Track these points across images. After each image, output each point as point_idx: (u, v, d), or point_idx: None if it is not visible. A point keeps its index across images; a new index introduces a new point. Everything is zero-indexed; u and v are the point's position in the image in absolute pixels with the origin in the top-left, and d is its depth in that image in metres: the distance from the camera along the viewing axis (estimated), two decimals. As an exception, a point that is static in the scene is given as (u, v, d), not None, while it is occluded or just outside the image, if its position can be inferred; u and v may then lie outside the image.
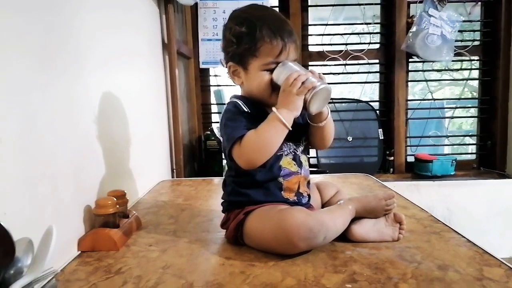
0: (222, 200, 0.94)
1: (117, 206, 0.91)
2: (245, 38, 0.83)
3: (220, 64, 0.95)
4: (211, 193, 1.41)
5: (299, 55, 0.89)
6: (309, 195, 0.93)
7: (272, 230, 0.78)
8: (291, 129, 0.80)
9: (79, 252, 0.86)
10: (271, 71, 0.84)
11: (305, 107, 0.81)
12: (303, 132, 0.93)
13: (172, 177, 1.82)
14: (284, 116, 0.79)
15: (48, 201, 0.77)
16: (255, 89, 0.86)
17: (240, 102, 0.86)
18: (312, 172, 0.97)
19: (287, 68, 0.83)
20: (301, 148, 0.92)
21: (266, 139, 0.80)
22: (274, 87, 0.84)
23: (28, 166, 0.72)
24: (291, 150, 0.89)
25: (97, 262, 0.81)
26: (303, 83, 0.79)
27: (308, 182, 0.93)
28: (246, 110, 0.85)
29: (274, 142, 0.81)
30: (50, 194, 0.78)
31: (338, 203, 0.90)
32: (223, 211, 0.94)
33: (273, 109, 0.80)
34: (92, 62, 1.01)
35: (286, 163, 0.88)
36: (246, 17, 0.85)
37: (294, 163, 0.89)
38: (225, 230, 0.91)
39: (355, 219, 0.88)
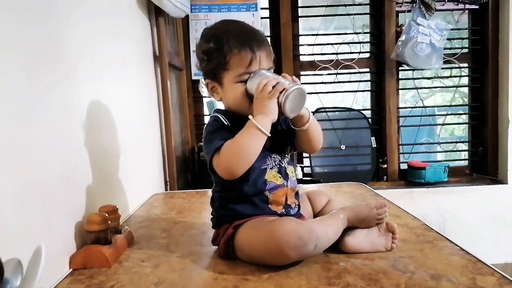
0: (211, 216, 0.94)
1: (109, 222, 0.90)
2: (214, 53, 0.84)
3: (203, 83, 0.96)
4: (205, 205, 1.40)
5: (274, 62, 0.89)
6: (298, 206, 0.93)
7: (262, 241, 0.78)
8: (269, 135, 0.80)
9: (71, 269, 0.85)
10: (244, 82, 0.84)
11: (282, 112, 0.81)
12: (287, 141, 0.92)
13: (166, 189, 1.81)
14: (259, 122, 0.78)
15: (38, 217, 0.76)
16: (231, 102, 0.87)
17: (221, 116, 0.87)
18: (306, 182, 0.97)
19: (259, 76, 0.83)
20: (286, 160, 0.91)
21: (243, 145, 0.79)
22: (250, 98, 0.84)
23: (17, 181, 0.71)
24: (276, 163, 0.89)
25: (89, 279, 0.80)
26: (273, 86, 0.79)
27: (297, 193, 0.93)
28: (226, 124, 0.85)
29: (251, 148, 0.80)
30: (40, 210, 0.77)
31: (330, 212, 0.90)
32: (213, 227, 0.93)
33: (249, 117, 0.80)
34: (83, 74, 1.01)
35: (271, 176, 0.87)
36: (213, 33, 0.87)
37: (280, 176, 0.88)
38: (216, 247, 0.90)
39: (348, 229, 0.87)
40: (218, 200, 0.90)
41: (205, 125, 0.89)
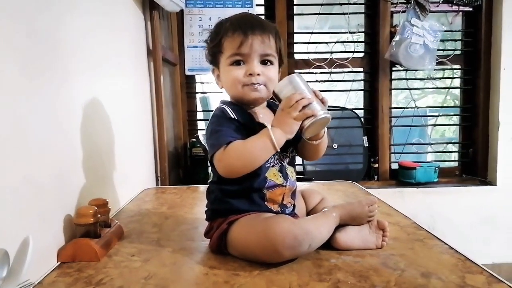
0: (206, 209, 0.93)
1: (99, 215, 0.89)
2: (213, 37, 0.88)
3: (208, 70, 0.98)
4: (196, 200, 1.40)
5: (285, 61, 0.89)
6: (294, 205, 0.93)
7: (257, 239, 0.77)
8: (279, 150, 0.80)
9: (59, 263, 0.83)
10: (236, 63, 0.84)
11: (300, 130, 0.80)
12: (291, 143, 0.91)
13: (157, 185, 1.80)
14: (276, 137, 0.78)
15: (27, 210, 0.75)
16: (228, 85, 0.88)
17: (227, 108, 0.85)
18: (298, 180, 0.97)
19: (293, 83, 0.80)
20: (287, 160, 0.91)
21: (252, 152, 0.79)
22: (276, 98, 0.83)
23: (9, 174, 0.70)
24: (277, 161, 0.88)
25: (77, 273, 0.79)
26: (304, 107, 0.78)
27: (294, 193, 0.92)
28: (233, 117, 0.84)
29: (259, 158, 0.80)
30: (29, 202, 0.76)
31: (323, 210, 0.90)
32: (206, 219, 0.92)
33: (268, 125, 0.79)
34: (76, 68, 1.00)
35: (272, 174, 0.87)
36: (220, 21, 0.89)
37: (280, 174, 0.88)
38: (208, 240, 0.90)
39: (340, 226, 0.88)
40: (215, 192, 0.89)
41: (211, 116, 0.87)
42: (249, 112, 0.88)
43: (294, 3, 2.28)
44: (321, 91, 0.84)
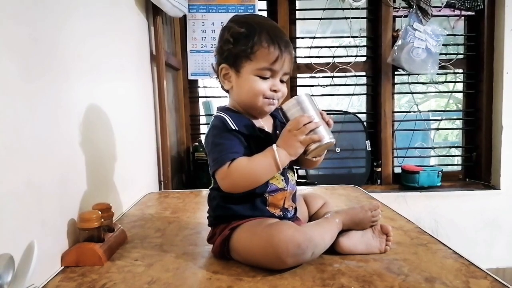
0: (208, 215, 0.93)
1: (102, 219, 0.89)
2: (243, 39, 0.83)
3: (209, 75, 0.96)
4: (199, 205, 1.40)
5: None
6: (295, 209, 0.92)
7: (260, 246, 0.77)
8: (281, 170, 0.82)
9: (63, 267, 0.84)
10: (263, 78, 0.83)
11: (304, 154, 0.82)
12: None
13: (160, 189, 1.80)
14: (281, 158, 0.79)
15: (30, 215, 0.76)
16: (245, 93, 0.85)
17: (227, 118, 0.84)
18: (301, 184, 0.97)
19: (301, 104, 0.81)
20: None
21: (257, 172, 0.80)
22: (284, 116, 0.84)
23: (12, 179, 0.70)
24: None
25: (81, 277, 0.79)
26: (311, 130, 0.79)
27: (294, 196, 0.92)
28: (234, 128, 0.83)
29: (263, 177, 0.82)
30: (33, 207, 0.76)
31: (325, 216, 0.90)
32: (209, 225, 0.93)
33: (273, 146, 0.80)
34: (79, 72, 1.01)
35: (274, 178, 0.86)
36: (246, 20, 0.86)
37: (282, 178, 0.88)
38: (211, 245, 0.90)
39: (343, 231, 0.88)
40: (216, 199, 0.89)
41: (210, 125, 0.87)
42: (248, 118, 0.88)
43: (297, 8, 2.29)
44: (323, 95, 0.84)
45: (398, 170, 2.35)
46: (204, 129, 2.34)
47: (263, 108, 0.86)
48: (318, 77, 2.31)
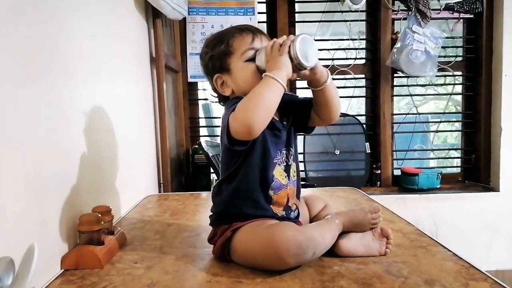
0: (211, 213, 0.93)
1: (102, 222, 0.89)
2: (217, 43, 0.89)
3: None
4: (199, 207, 1.40)
5: None
6: (298, 209, 0.93)
7: (261, 246, 0.78)
8: (286, 87, 0.79)
9: (62, 270, 0.84)
10: (252, 60, 0.86)
11: (298, 63, 0.80)
12: (293, 135, 0.93)
13: (159, 191, 1.80)
14: (275, 74, 0.78)
15: (30, 217, 0.76)
16: (244, 83, 0.87)
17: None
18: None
19: (264, 48, 0.85)
20: (292, 156, 0.91)
21: (259, 93, 0.77)
22: (262, 73, 0.83)
23: (12, 181, 0.70)
24: (283, 159, 0.89)
25: (80, 280, 0.79)
26: (281, 44, 0.81)
27: (298, 192, 0.93)
28: None
29: (268, 97, 0.77)
30: (31, 210, 0.76)
31: (326, 217, 0.90)
32: (210, 224, 0.92)
33: (263, 74, 0.80)
34: (80, 75, 1.01)
35: (278, 174, 0.87)
36: (215, 34, 0.93)
37: (286, 174, 0.89)
38: (212, 246, 0.90)
39: (343, 233, 0.88)
40: (222, 192, 0.88)
41: (225, 108, 0.87)
42: None
43: (296, 10, 2.30)
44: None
45: (397, 172, 2.35)
46: (203, 131, 2.34)
47: None
48: (317, 80, 2.31)
